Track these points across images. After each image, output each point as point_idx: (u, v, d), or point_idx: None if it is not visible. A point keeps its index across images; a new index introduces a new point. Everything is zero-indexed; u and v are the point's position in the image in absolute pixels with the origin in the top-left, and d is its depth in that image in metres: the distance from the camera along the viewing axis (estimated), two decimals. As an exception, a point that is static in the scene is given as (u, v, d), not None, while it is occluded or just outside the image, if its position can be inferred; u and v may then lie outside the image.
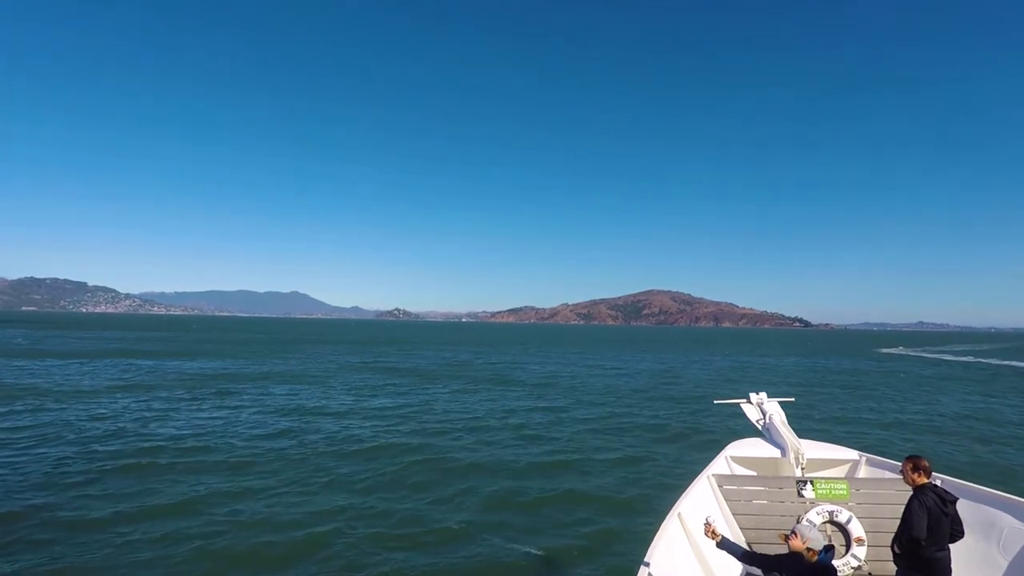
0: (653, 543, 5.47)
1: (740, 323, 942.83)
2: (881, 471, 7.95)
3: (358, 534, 9.98)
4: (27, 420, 18.57)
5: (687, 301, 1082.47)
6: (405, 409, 23.43)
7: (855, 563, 6.42)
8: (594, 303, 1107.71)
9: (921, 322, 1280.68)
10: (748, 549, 5.60)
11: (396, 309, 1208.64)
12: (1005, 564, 5.99)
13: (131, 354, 48.14)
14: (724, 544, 4.97)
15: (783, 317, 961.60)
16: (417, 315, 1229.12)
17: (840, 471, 8.35)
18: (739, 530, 6.86)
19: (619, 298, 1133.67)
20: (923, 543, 4.93)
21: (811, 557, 4.48)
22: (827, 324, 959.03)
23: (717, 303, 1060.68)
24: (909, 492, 5.28)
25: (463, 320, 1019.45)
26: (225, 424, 18.96)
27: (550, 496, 12.32)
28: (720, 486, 7.18)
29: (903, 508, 5.20)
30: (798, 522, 5.74)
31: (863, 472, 8.17)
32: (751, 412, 9.80)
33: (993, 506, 6.42)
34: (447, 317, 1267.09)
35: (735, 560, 5.05)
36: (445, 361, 51.09)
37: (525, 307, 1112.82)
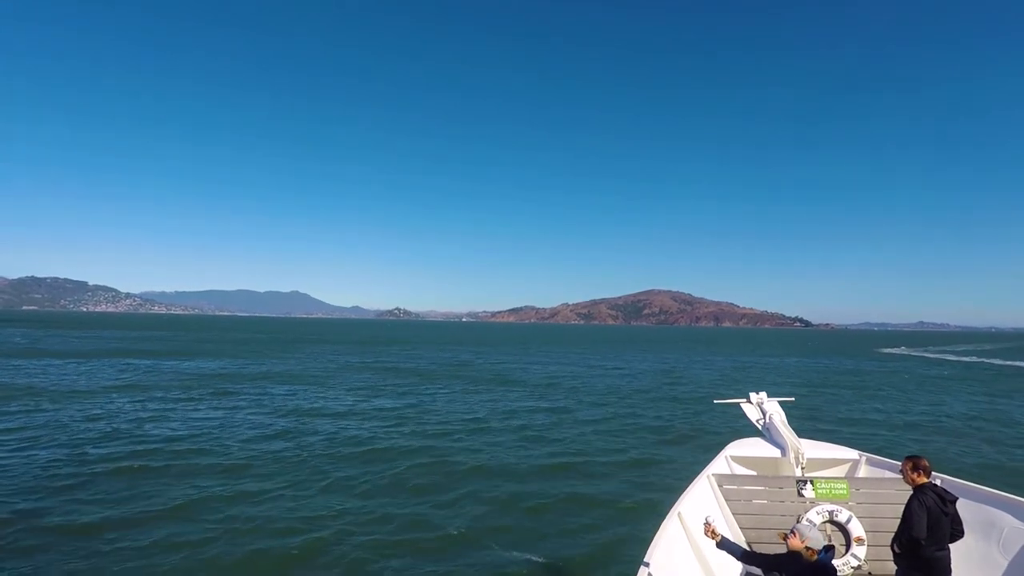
0: (653, 543, 5.45)
1: (740, 323, 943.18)
2: (881, 471, 7.95)
3: (356, 540, 9.69)
4: (20, 421, 18.26)
5: (687, 301, 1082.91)
6: (405, 410, 23.13)
7: (855, 563, 6.40)
8: (594, 303, 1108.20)
9: (922, 322, 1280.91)
10: (748, 549, 5.59)
11: (396, 309, 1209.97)
12: (1005, 564, 5.97)
13: (130, 354, 47.90)
14: (724, 544, 4.96)
15: (783, 317, 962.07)
16: (417, 315, 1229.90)
17: (840, 471, 8.34)
18: (739, 530, 6.84)
19: (619, 298, 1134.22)
20: (923, 543, 4.92)
21: (810, 556, 4.46)
22: (827, 324, 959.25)
23: (717, 303, 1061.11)
24: (909, 492, 5.25)
25: (463, 320, 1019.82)
26: (221, 425, 18.64)
27: (552, 500, 12.02)
28: (720, 486, 7.16)
29: (903, 508, 5.18)
30: (798, 522, 5.74)
31: (863, 472, 8.16)
32: (751, 412, 9.78)
33: (993, 506, 6.42)
34: (447, 317, 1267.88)
35: (735, 560, 5.04)
36: (446, 361, 50.80)
37: (525, 307, 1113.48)
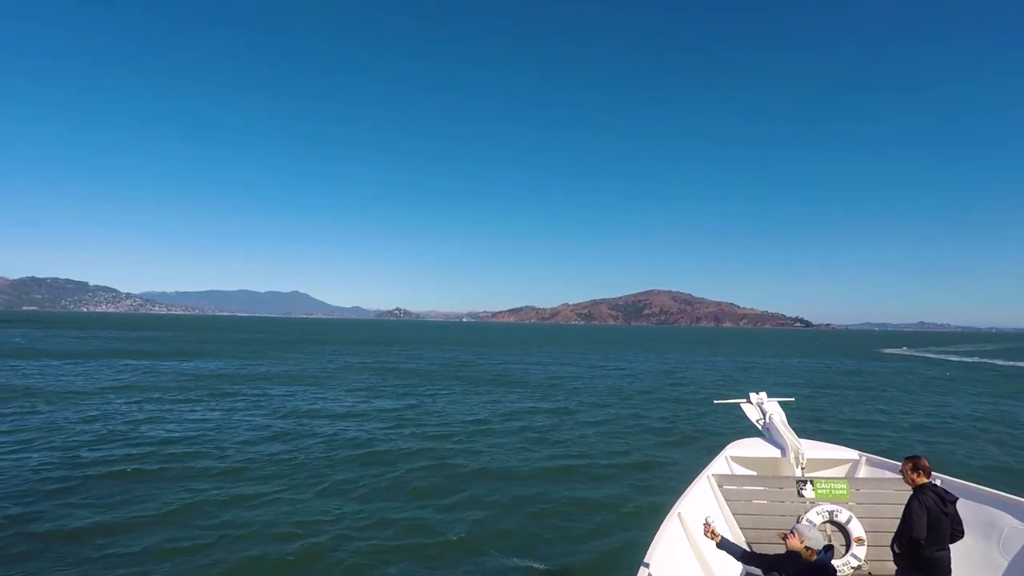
0: (653, 543, 5.43)
1: (741, 323, 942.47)
2: (881, 471, 7.91)
3: (353, 546, 9.43)
4: (14, 423, 17.99)
5: (688, 301, 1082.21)
6: (405, 411, 22.86)
7: (855, 563, 6.38)
8: (595, 303, 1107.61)
9: (922, 322, 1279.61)
10: (748, 549, 5.57)
11: (397, 309, 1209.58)
12: (1005, 564, 5.95)
13: (129, 354, 47.65)
14: (723, 544, 4.94)
15: (784, 317, 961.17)
16: (418, 315, 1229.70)
17: (840, 471, 8.30)
18: (739, 530, 6.82)
19: (620, 298, 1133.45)
20: (923, 543, 4.90)
21: (809, 556, 4.44)
22: (828, 324, 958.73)
23: (718, 303, 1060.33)
24: (909, 492, 5.23)
25: (464, 320, 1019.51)
26: (218, 427, 18.37)
27: (553, 505, 11.75)
28: (720, 486, 7.13)
29: (903, 508, 5.16)
30: (798, 522, 5.73)
31: (863, 472, 8.13)
32: (751, 412, 9.75)
33: (993, 506, 6.40)
34: (448, 317, 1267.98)
35: (735, 560, 5.02)
36: (446, 361, 50.53)
37: (526, 307, 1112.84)
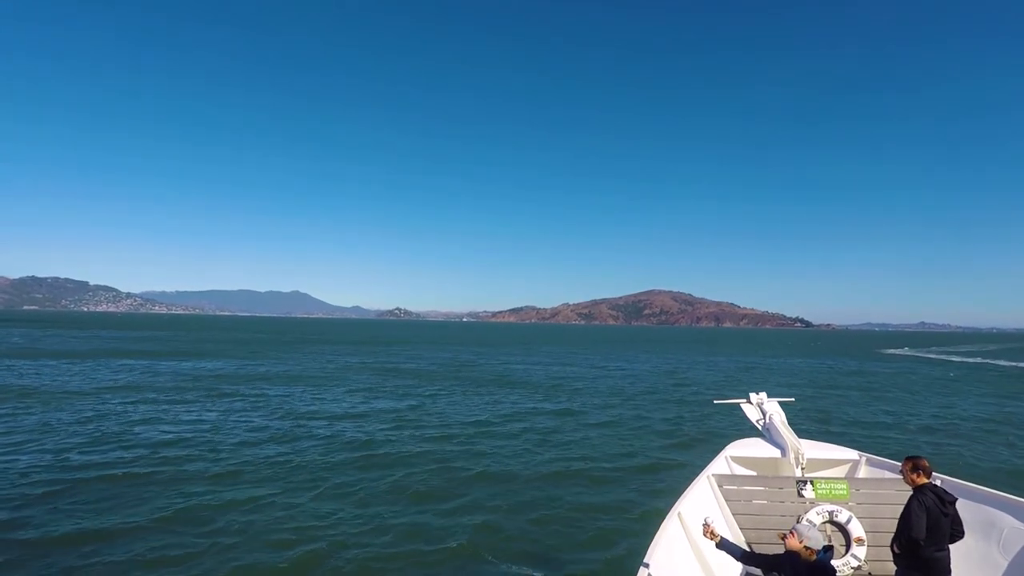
0: (653, 543, 5.42)
1: (741, 323, 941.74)
2: (881, 471, 7.90)
3: (349, 554, 9.09)
4: (6, 424, 17.63)
5: (688, 301, 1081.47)
6: (405, 412, 22.53)
7: (855, 563, 6.37)
8: (595, 303, 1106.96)
9: (923, 322, 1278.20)
10: (747, 549, 5.54)
11: (397, 309, 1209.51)
12: (1005, 564, 5.95)
13: (127, 354, 47.33)
14: (723, 544, 4.93)
15: (784, 317, 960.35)
16: (418, 315, 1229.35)
17: (840, 471, 8.28)
18: (739, 530, 6.80)
19: (620, 298, 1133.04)
20: (922, 543, 4.89)
21: (809, 556, 4.43)
22: (828, 324, 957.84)
23: (718, 303, 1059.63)
24: (909, 492, 5.22)
25: (464, 320, 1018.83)
26: (214, 428, 18.04)
27: (556, 510, 11.39)
28: (720, 486, 7.12)
29: (903, 508, 5.16)
30: (798, 522, 5.72)
31: (863, 472, 8.12)
32: (751, 412, 9.72)
33: (993, 506, 6.40)
34: (448, 317, 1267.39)
35: (735, 560, 5.01)
36: (446, 362, 50.20)
37: (526, 307, 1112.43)
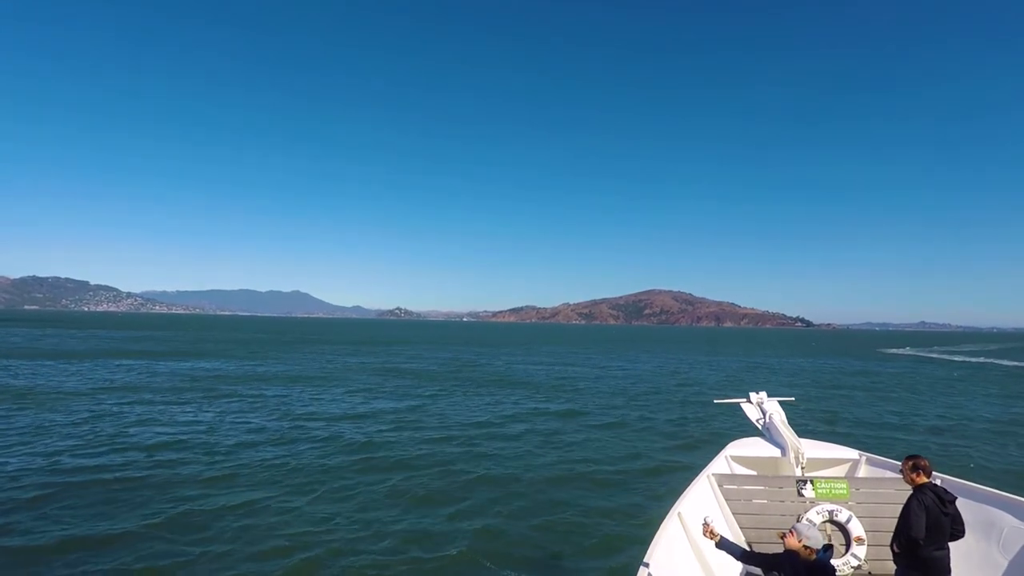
0: (653, 543, 5.41)
1: (742, 323, 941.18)
2: (881, 470, 7.89)
3: (346, 562, 8.77)
4: (-1, 426, 17.34)
5: (688, 301, 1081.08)
6: (404, 413, 22.20)
7: (855, 562, 6.37)
8: (595, 303, 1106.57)
9: (923, 322, 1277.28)
10: (747, 549, 5.57)
11: (398, 308, 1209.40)
12: (1005, 564, 5.94)
13: (125, 354, 47.01)
14: (723, 544, 4.92)
15: (785, 317, 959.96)
16: (418, 315, 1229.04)
17: (840, 470, 8.29)
18: (739, 530, 6.80)
19: (620, 298, 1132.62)
20: (921, 542, 4.87)
21: (808, 555, 4.42)
22: (829, 324, 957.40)
23: (719, 303, 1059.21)
24: (909, 491, 5.19)
25: (464, 320, 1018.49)
26: (209, 430, 17.70)
27: (559, 515, 11.03)
28: (720, 486, 7.11)
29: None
30: (798, 521, 5.73)
31: (863, 471, 8.12)
32: (751, 412, 9.73)
33: (993, 506, 6.38)
34: (448, 317, 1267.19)
35: (735, 560, 5.01)
36: (447, 361, 49.88)
37: (526, 307, 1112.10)
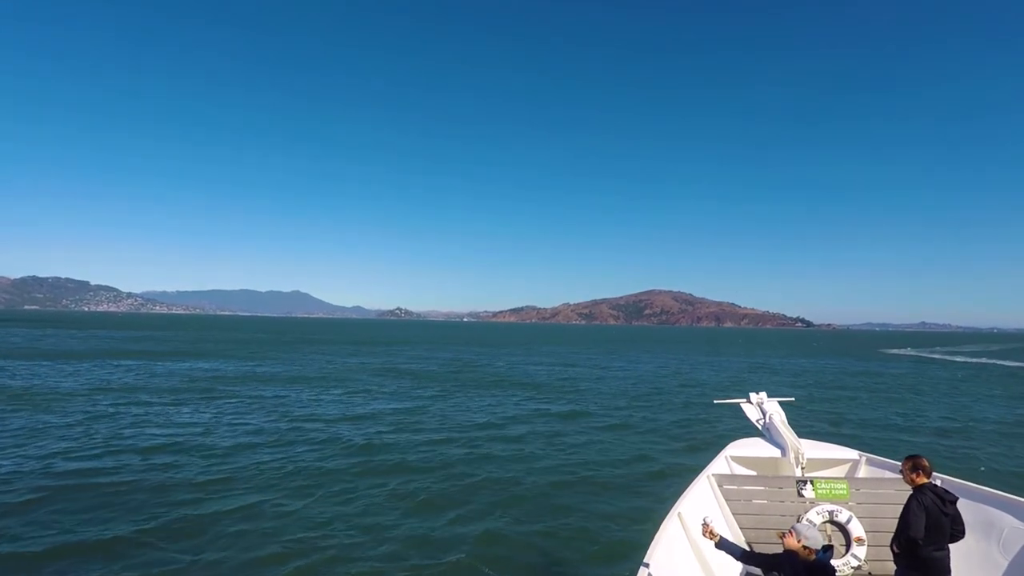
0: (653, 543, 5.42)
1: (742, 323, 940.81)
2: (881, 471, 7.89)
3: (342, 570, 8.50)
4: (-9, 428, 17.04)
5: (689, 301, 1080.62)
6: (404, 415, 21.90)
7: (855, 563, 6.38)
8: (595, 303, 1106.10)
9: (923, 322, 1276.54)
10: (747, 549, 5.57)
11: (398, 309, 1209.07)
12: (1005, 564, 5.94)
13: (124, 354, 46.72)
14: (722, 544, 4.93)
15: (785, 317, 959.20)
16: (419, 315, 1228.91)
17: (840, 471, 8.30)
18: (739, 530, 6.81)
19: (620, 298, 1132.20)
20: (920, 543, 4.86)
21: (808, 555, 4.43)
22: (829, 324, 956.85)
23: (719, 303, 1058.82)
24: (909, 492, 5.18)
25: (465, 320, 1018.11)
26: (205, 432, 17.41)
27: (561, 520, 10.73)
28: (720, 486, 7.12)
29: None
30: (798, 521, 5.75)
31: (863, 472, 8.13)
32: (751, 412, 9.72)
33: (993, 506, 6.40)
34: (449, 317, 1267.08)
35: (735, 560, 5.01)
36: (447, 362, 49.60)
37: (526, 307, 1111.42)
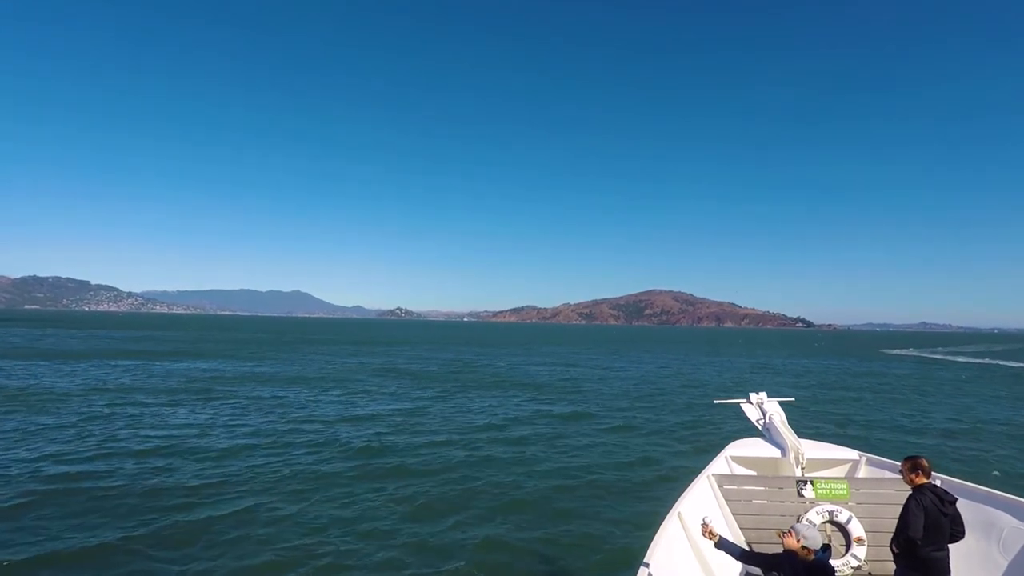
0: (653, 543, 5.42)
1: (742, 323, 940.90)
2: (881, 471, 7.89)
3: (337, 580, 8.18)
4: (-17, 430, 16.75)
5: (689, 301, 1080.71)
6: (403, 416, 21.60)
7: (855, 563, 6.37)
8: (596, 303, 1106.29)
9: (924, 323, 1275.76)
10: (747, 549, 5.55)
11: (398, 308, 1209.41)
12: (1005, 564, 5.94)
13: (123, 354, 46.44)
14: (722, 544, 4.92)
15: (785, 317, 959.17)
16: (419, 314, 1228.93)
17: (840, 471, 8.31)
18: (739, 530, 6.81)
19: (621, 298, 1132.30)
20: (919, 543, 4.85)
21: (807, 555, 4.42)
22: (829, 324, 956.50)
23: (719, 303, 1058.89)
24: (909, 492, 5.17)
25: (465, 320, 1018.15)
26: (201, 434, 17.10)
27: (564, 526, 10.46)
28: (720, 486, 7.13)
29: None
30: (797, 521, 5.75)
31: (863, 472, 8.14)
32: (751, 412, 9.73)
33: (993, 506, 6.39)
34: (449, 317, 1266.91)
35: (735, 560, 5.00)
36: (447, 362, 49.32)
37: (527, 307, 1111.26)
